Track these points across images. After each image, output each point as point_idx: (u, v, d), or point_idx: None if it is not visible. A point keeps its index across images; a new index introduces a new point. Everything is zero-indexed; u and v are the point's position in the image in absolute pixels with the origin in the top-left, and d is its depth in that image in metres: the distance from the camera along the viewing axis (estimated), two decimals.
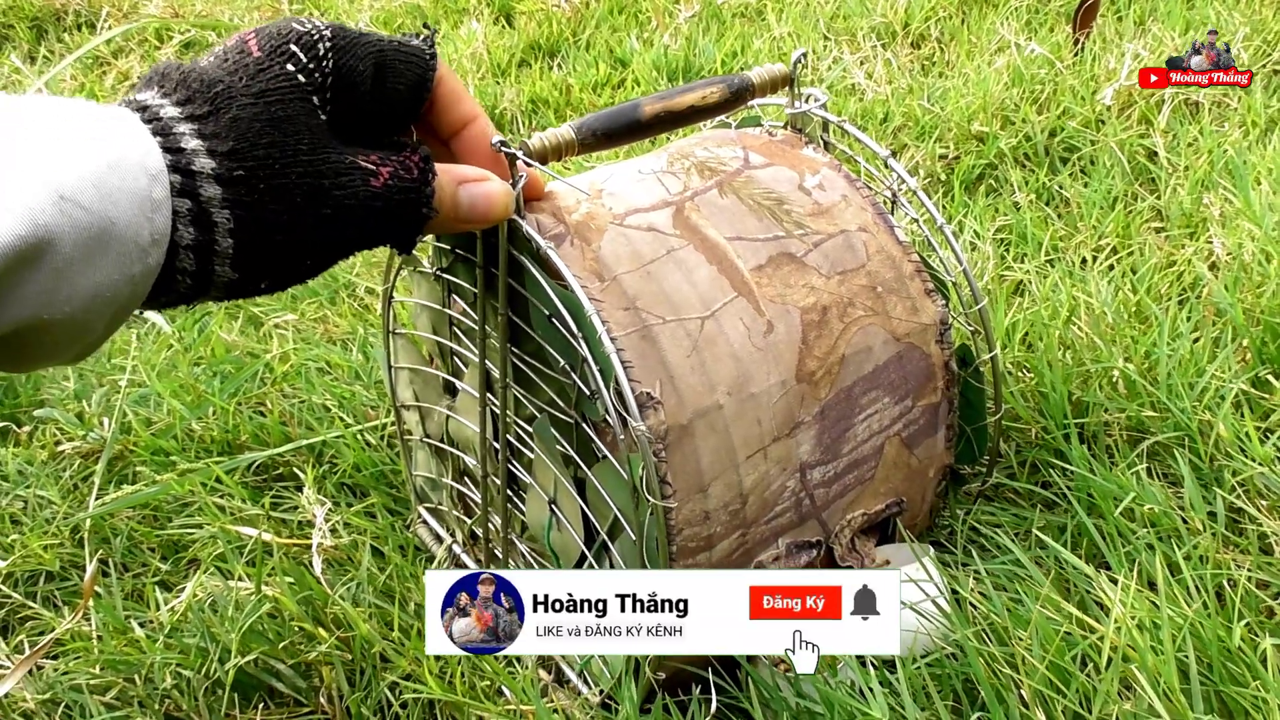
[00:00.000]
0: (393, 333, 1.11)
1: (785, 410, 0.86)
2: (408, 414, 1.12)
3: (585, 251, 0.85)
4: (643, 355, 0.81)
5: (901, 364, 0.94)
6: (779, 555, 0.90)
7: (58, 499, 1.28)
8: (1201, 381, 1.11)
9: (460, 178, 0.68)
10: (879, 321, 0.92)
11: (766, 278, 0.88)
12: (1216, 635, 0.80)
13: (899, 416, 0.95)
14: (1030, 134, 1.70)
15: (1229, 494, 0.99)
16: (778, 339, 0.86)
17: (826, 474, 0.91)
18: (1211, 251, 1.38)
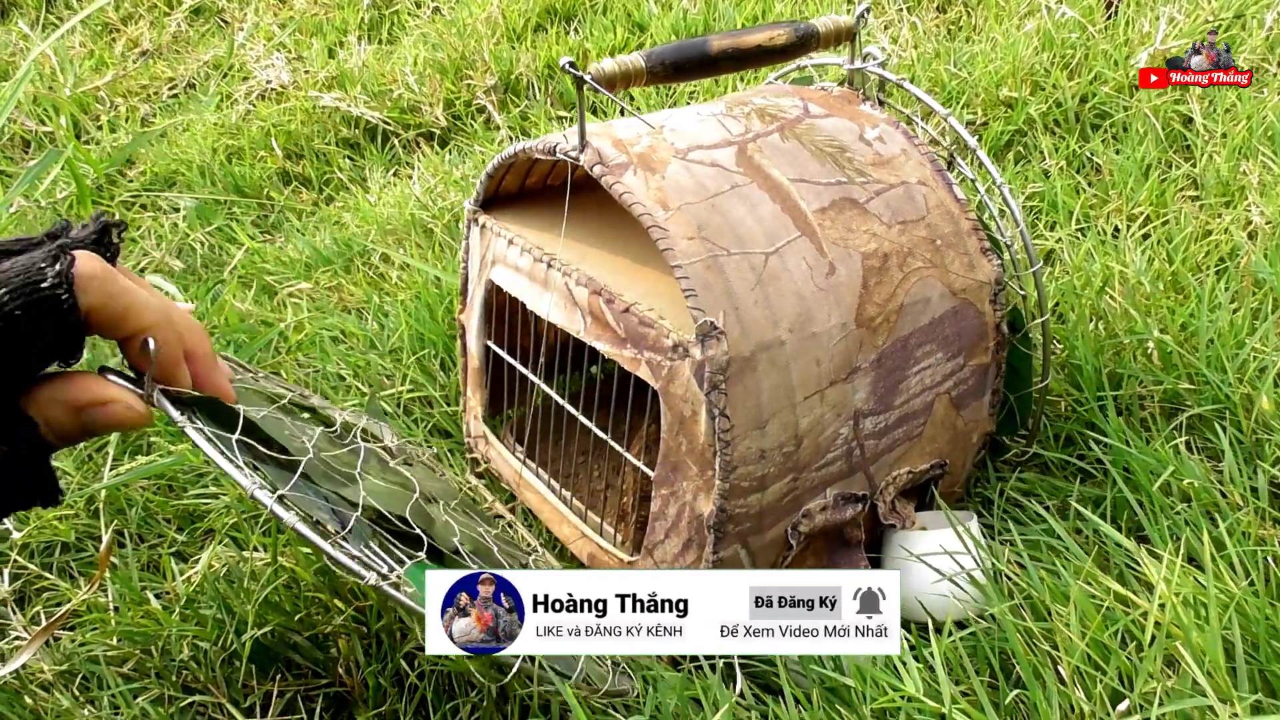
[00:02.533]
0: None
1: (844, 354, 0.85)
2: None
3: (650, 181, 0.83)
4: (708, 285, 0.79)
5: (957, 319, 0.93)
6: (826, 505, 0.88)
7: (72, 470, 1.26)
8: (1242, 354, 1.08)
9: (76, 403, 0.61)
10: (937, 274, 0.91)
11: (830, 220, 0.87)
12: (1263, 613, 0.78)
13: (950, 374, 0.94)
14: (1061, 100, 1.66)
15: (1272, 468, 0.96)
16: (839, 281, 0.85)
17: (878, 424, 0.89)
18: (1250, 220, 1.34)
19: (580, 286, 0.90)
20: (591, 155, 0.84)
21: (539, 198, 1.11)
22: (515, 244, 1.01)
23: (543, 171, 1.11)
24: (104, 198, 2.12)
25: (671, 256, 0.79)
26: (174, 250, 1.90)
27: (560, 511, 1.06)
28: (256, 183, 2.09)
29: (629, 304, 0.85)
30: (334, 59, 2.44)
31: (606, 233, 1.01)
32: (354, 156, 2.16)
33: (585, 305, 0.90)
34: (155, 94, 2.57)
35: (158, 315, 0.62)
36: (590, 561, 1.01)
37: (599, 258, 0.95)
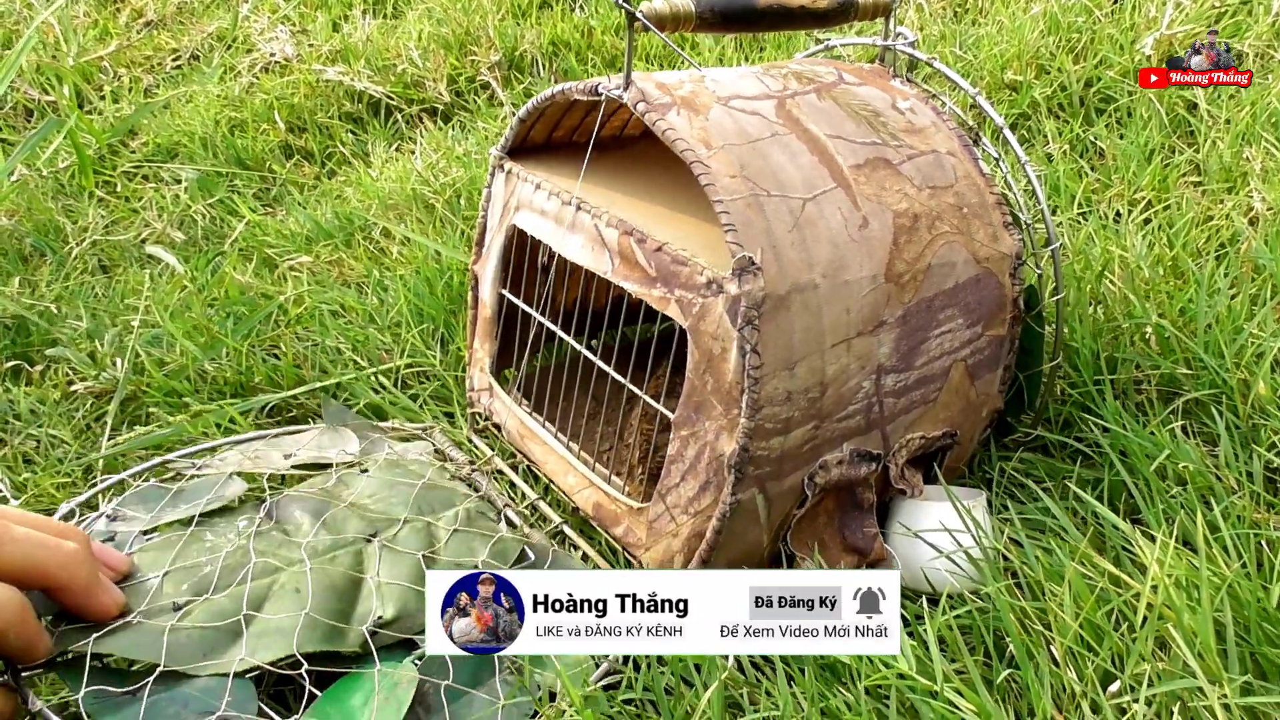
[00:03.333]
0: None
1: (872, 305, 0.86)
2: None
3: (693, 121, 0.85)
4: (748, 223, 0.80)
5: (979, 287, 0.94)
6: (842, 459, 0.89)
7: (70, 439, 1.26)
8: (1240, 339, 1.08)
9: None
10: (963, 241, 0.93)
11: (865, 176, 0.89)
12: (1255, 596, 0.78)
13: (969, 341, 0.95)
14: (1065, 84, 1.66)
15: (1268, 453, 0.96)
16: (871, 234, 0.87)
17: (899, 383, 0.91)
18: (1251, 206, 1.34)
19: (610, 228, 0.91)
20: (635, 93, 0.85)
21: (564, 152, 1.11)
22: (543, 188, 1.02)
23: (570, 125, 1.12)
24: (105, 168, 2.12)
25: (713, 192, 0.80)
26: (175, 222, 1.89)
27: (566, 461, 1.06)
28: (258, 155, 2.09)
29: (661, 243, 0.86)
30: (338, 32, 2.43)
31: (635, 184, 1.02)
32: (357, 131, 2.15)
33: (615, 246, 0.91)
34: (159, 65, 2.56)
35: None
36: (595, 511, 1.01)
37: (628, 203, 0.96)
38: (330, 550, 0.94)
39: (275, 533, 0.97)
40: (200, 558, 0.92)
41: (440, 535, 0.99)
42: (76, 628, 0.82)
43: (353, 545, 0.95)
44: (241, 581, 0.89)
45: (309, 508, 1.00)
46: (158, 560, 0.92)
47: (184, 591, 0.88)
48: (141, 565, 0.91)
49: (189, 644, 0.82)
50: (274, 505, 1.00)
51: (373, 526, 0.98)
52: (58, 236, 1.86)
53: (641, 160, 1.12)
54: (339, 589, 0.89)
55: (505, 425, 1.16)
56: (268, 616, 0.85)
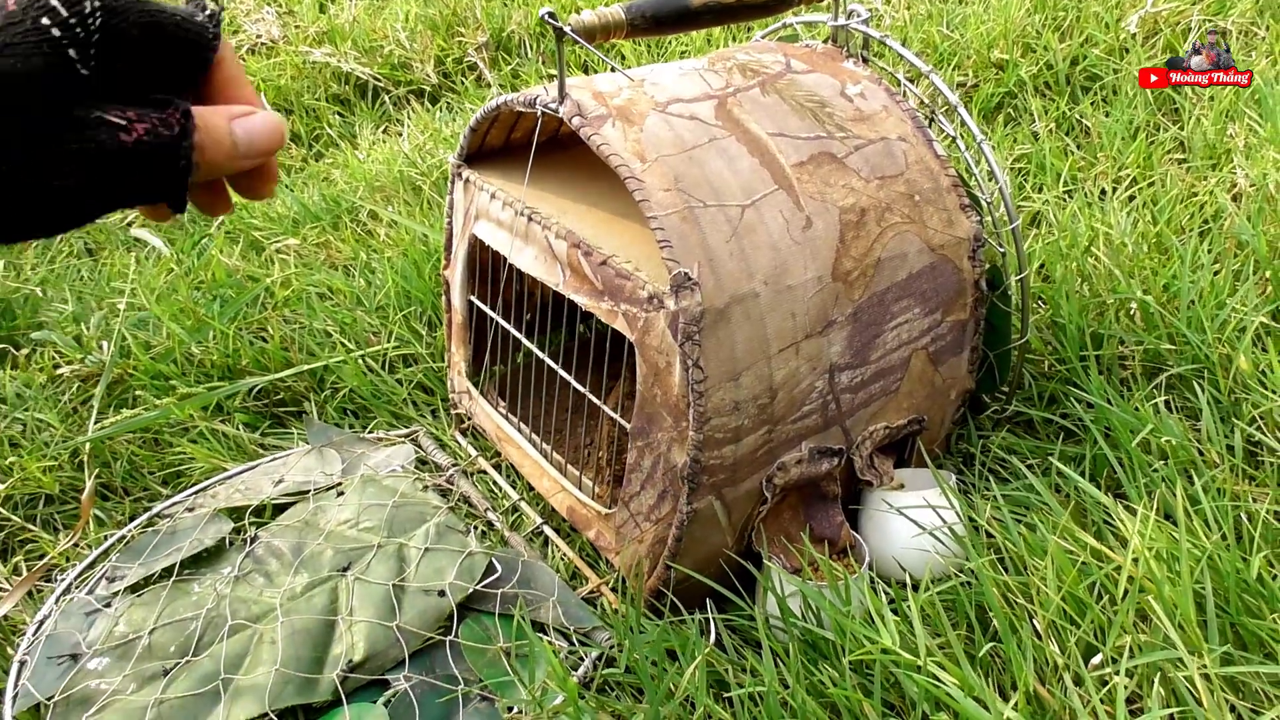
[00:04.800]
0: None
1: (819, 307, 0.85)
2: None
3: (628, 133, 0.83)
4: (683, 236, 0.80)
5: (934, 275, 0.93)
6: (801, 459, 0.89)
7: (56, 422, 1.26)
8: (1222, 314, 1.09)
9: (231, 114, 0.66)
10: (915, 230, 0.91)
11: (808, 174, 0.87)
12: (1234, 567, 0.79)
13: (928, 330, 0.94)
14: (1052, 62, 1.66)
15: (1248, 427, 0.97)
16: (816, 235, 0.85)
17: (854, 379, 0.90)
18: (1235, 182, 1.34)
19: (560, 240, 0.91)
20: (571, 107, 0.84)
21: (524, 154, 1.11)
22: (497, 198, 1.01)
23: (528, 127, 1.11)
24: None
25: (647, 208, 0.79)
26: None
27: (541, 466, 1.07)
28: None
29: (606, 256, 0.86)
30: (325, 14, 2.42)
31: (589, 187, 1.01)
32: (344, 112, 2.15)
33: (564, 258, 0.91)
34: None
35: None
36: (570, 514, 1.02)
37: (580, 212, 0.96)
38: (306, 590, 0.98)
39: (257, 576, 1.00)
40: (186, 613, 0.96)
41: (411, 558, 1.01)
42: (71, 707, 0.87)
43: (328, 582, 0.98)
44: (223, 639, 0.93)
45: (289, 544, 1.04)
46: (145, 617, 0.96)
47: (171, 653, 0.92)
48: (131, 623, 0.95)
49: (174, 714, 0.86)
50: (254, 548, 1.04)
51: (347, 558, 1.01)
52: None
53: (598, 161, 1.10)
54: (313, 635, 0.92)
55: (485, 428, 1.17)
56: (245, 677, 0.89)
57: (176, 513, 1.11)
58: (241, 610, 0.95)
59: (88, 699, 0.88)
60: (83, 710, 0.86)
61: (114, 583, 1.01)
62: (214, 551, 1.04)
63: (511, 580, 0.99)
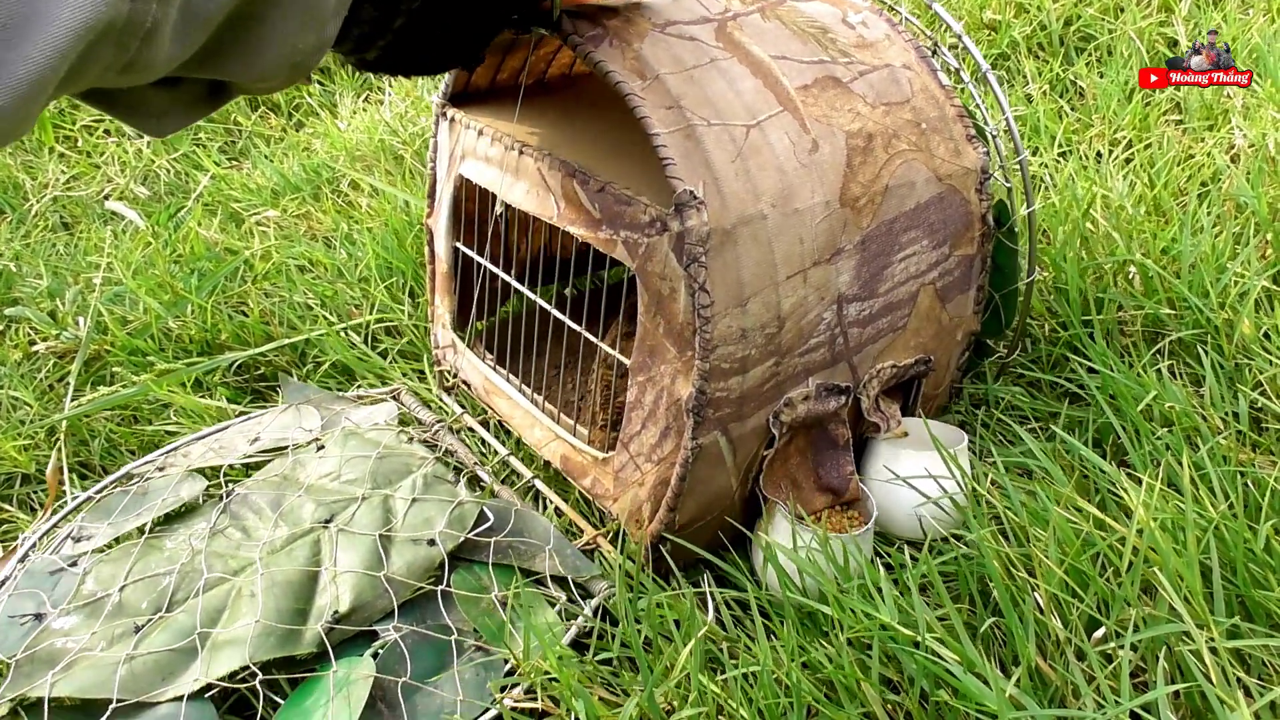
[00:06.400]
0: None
1: (827, 233, 0.83)
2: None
3: (625, 52, 0.81)
4: (687, 154, 0.77)
5: (942, 206, 0.90)
6: (808, 395, 0.86)
7: (32, 400, 1.23)
8: (1224, 278, 1.06)
9: None
10: (922, 159, 0.89)
11: (812, 98, 0.85)
12: (1242, 537, 0.77)
13: (935, 264, 0.92)
14: (1045, 22, 1.63)
15: (1252, 393, 0.95)
16: (823, 158, 0.83)
17: (862, 311, 0.87)
18: (1233, 143, 1.32)
19: (554, 170, 0.88)
20: (567, 25, 0.82)
21: (509, 96, 1.08)
22: (485, 134, 0.98)
23: (514, 67, 1.08)
24: (65, 121, 2.06)
25: (649, 125, 0.77)
26: (139, 176, 1.85)
27: (532, 415, 1.04)
28: (224, 109, 2.04)
29: (604, 183, 0.83)
30: None
31: (581, 125, 0.99)
32: (324, 81, 2.10)
33: (558, 189, 0.88)
34: None
35: None
36: (563, 463, 0.99)
37: (573, 145, 0.93)
38: (287, 544, 0.93)
39: (233, 531, 0.96)
40: (159, 569, 0.91)
41: (397, 509, 0.97)
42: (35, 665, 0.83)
43: (309, 535, 0.94)
44: (198, 593, 0.88)
45: (266, 499, 0.99)
46: (114, 574, 0.92)
47: (144, 609, 0.88)
48: (100, 580, 0.91)
49: (146, 671, 0.82)
50: (230, 502, 0.99)
51: (330, 510, 0.97)
52: (17, 193, 1.81)
53: (589, 99, 1.08)
54: (295, 586, 0.88)
55: (471, 382, 1.14)
56: (224, 630, 0.85)
57: (147, 472, 1.07)
58: (218, 565, 0.91)
59: (53, 657, 0.84)
60: (47, 669, 0.82)
61: (80, 542, 0.97)
62: (188, 509, 1.00)
63: (505, 529, 0.95)
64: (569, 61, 1.14)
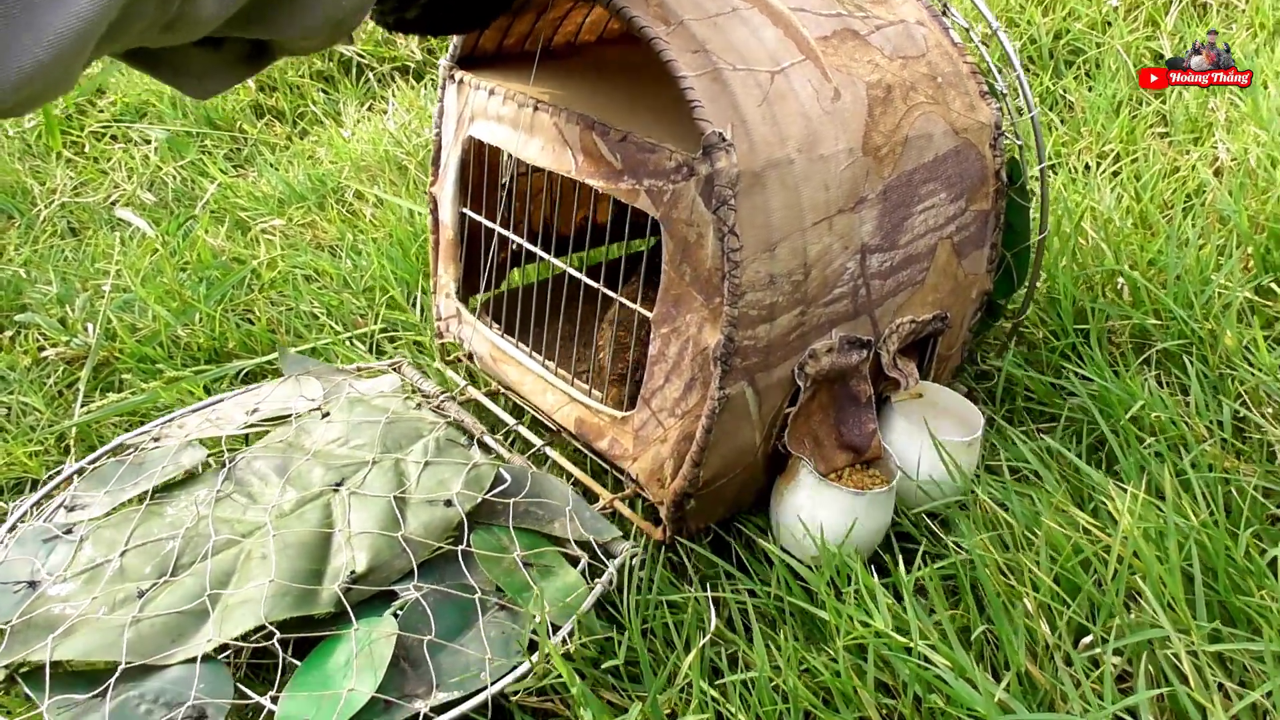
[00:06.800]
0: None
1: (851, 181, 0.83)
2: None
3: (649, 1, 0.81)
4: (714, 98, 0.77)
5: (959, 160, 0.92)
6: (832, 347, 0.87)
7: (42, 406, 1.25)
8: (1207, 290, 1.10)
9: None
10: (939, 111, 0.90)
11: (832, 48, 0.86)
12: (1223, 545, 0.80)
13: (953, 218, 0.93)
14: (1035, 36, 1.65)
15: (1233, 403, 0.98)
16: (844, 107, 0.83)
17: (884, 263, 0.88)
18: (1216, 157, 1.35)
19: (571, 124, 0.88)
20: None
21: (515, 62, 1.08)
22: (496, 93, 0.98)
23: (521, 32, 1.08)
24: (73, 128, 2.08)
25: (675, 68, 0.77)
26: (145, 183, 1.87)
27: (545, 380, 1.03)
28: (229, 115, 2.06)
29: (625, 133, 0.83)
30: None
31: (593, 84, 0.99)
32: (328, 90, 2.13)
33: (576, 142, 0.88)
34: None
35: None
36: (578, 427, 0.98)
37: (589, 101, 0.93)
38: (297, 507, 0.92)
39: (238, 497, 0.94)
40: (161, 534, 0.89)
41: (410, 472, 0.95)
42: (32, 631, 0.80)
43: (319, 498, 0.93)
44: (205, 557, 0.86)
45: (272, 465, 0.97)
46: (114, 540, 0.90)
47: (147, 574, 0.85)
48: (98, 547, 0.89)
49: (154, 634, 0.80)
50: (234, 468, 0.97)
51: (339, 474, 0.95)
52: (25, 199, 1.84)
53: (598, 63, 1.08)
54: (309, 547, 0.87)
55: (477, 351, 1.12)
56: (235, 591, 0.83)
57: (141, 443, 1.05)
58: (224, 530, 0.90)
59: (51, 623, 0.81)
60: (45, 634, 0.80)
61: (74, 511, 0.95)
62: (189, 476, 0.98)
63: (522, 492, 0.94)
64: (574, 30, 1.14)
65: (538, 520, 0.91)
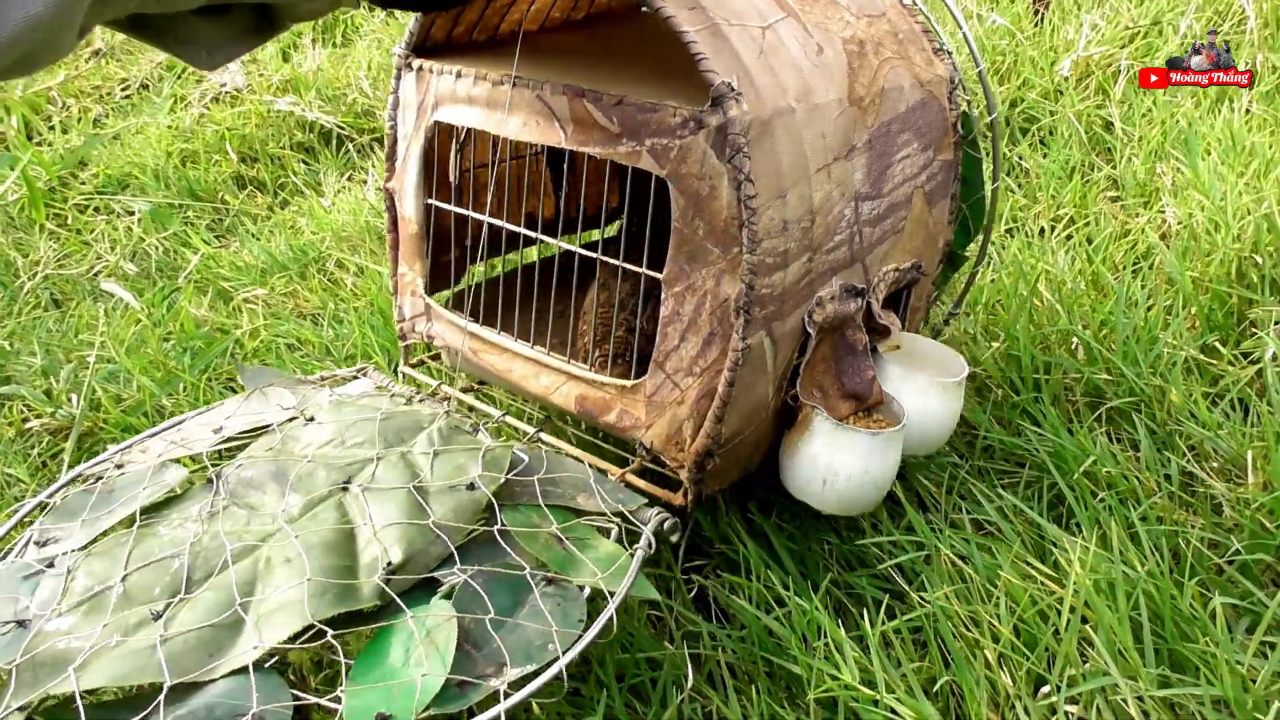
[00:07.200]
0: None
1: (843, 130, 0.87)
2: None
3: None
4: (717, 51, 0.80)
5: (925, 111, 0.97)
6: (834, 295, 0.90)
7: (26, 477, 1.27)
8: (1155, 349, 1.15)
9: None
10: (905, 65, 0.95)
11: (808, 6, 0.90)
12: (1170, 594, 0.84)
13: (924, 166, 0.98)
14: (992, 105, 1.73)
15: (1180, 459, 1.03)
16: (828, 60, 0.88)
17: (873, 211, 0.92)
18: (1164, 220, 1.42)
19: (558, 95, 0.89)
20: None
21: (468, 50, 1.07)
22: (465, 75, 0.98)
23: (470, 20, 1.09)
24: (56, 200, 2.12)
25: (676, 24, 0.79)
26: (128, 254, 1.91)
27: (537, 364, 1.02)
28: (211, 186, 2.10)
29: (621, 96, 0.85)
30: (288, 63, 2.45)
31: (564, 62, 1.00)
32: (309, 161, 2.18)
33: (565, 112, 0.89)
34: (108, 95, 2.56)
35: None
36: (580, 404, 0.97)
37: (567, 75, 0.93)
38: (306, 511, 0.89)
39: (237, 509, 0.90)
40: (163, 554, 0.85)
41: (420, 463, 0.94)
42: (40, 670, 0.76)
43: (328, 499, 0.90)
44: (223, 569, 0.83)
45: (266, 474, 0.94)
46: (110, 567, 0.85)
47: (157, 595, 0.82)
48: (93, 576, 0.85)
49: (188, 651, 0.76)
50: (223, 481, 0.94)
51: (345, 474, 0.93)
52: (8, 271, 1.86)
53: (555, 48, 1.08)
54: (334, 546, 0.84)
55: (452, 346, 1.10)
56: (265, 597, 0.80)
57: (101, 472, 1.00)
58: (233, 542, 0.86)
59: (58, 659, 0.76)
60: (55, 672, 0.75)
61: (46, 546, 0.90)
62: (173, 496, 0.94)
63: (541, 471, 0.93)
64: (518, 19, 1.14)
65: (561, 497, 0.91)
